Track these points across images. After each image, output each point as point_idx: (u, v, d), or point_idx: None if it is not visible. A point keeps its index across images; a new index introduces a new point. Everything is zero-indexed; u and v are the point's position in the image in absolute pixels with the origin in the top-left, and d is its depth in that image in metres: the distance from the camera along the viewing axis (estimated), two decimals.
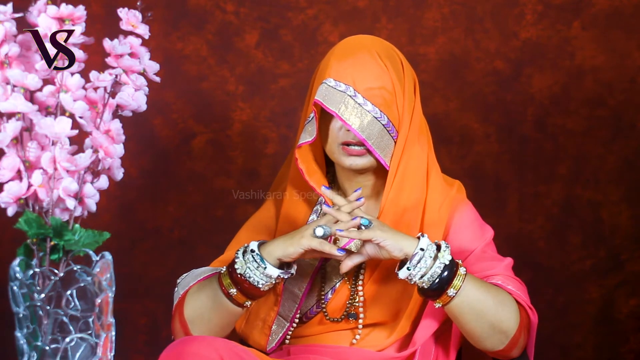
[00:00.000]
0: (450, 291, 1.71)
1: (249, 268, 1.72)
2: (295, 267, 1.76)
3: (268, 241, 1.76)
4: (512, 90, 2.73)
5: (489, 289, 1.76)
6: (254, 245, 1.74)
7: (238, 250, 1.75)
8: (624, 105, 2.73)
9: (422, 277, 1.70)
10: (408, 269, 1.70)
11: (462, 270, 1.73)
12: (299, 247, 1.72)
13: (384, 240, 1.72)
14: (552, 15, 2.71)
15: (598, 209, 2.75)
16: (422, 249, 1.70)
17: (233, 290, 1.74)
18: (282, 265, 1.75)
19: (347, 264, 1.76)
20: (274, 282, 1.74)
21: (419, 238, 1.72)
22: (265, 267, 1.72)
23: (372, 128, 1.79)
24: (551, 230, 2.75)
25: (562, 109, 2.73)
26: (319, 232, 1.73)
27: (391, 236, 1.72)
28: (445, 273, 1.70)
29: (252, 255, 1.73)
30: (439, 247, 1.73)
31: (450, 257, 1.71)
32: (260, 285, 1.73)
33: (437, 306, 1.74)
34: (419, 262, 1.70)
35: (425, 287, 1.71)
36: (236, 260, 1.74)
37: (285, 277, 1.75)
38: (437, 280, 1.70)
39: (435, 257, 1.71)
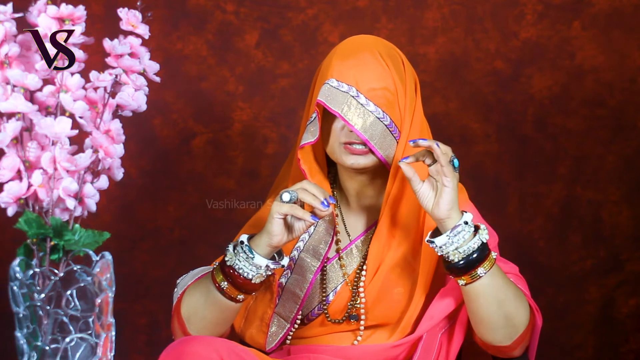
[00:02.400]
0: (480, 270, 1.71)
1: (238, 259, 1.72)
2: (286, 258, 1.76)
3: (258, 233, 1.76)
4: (512, 90, 2.73)
5: (510, 281, 1.77)
6: (243, 237, 1.74)
7: (229, 244, 1.75)
8: (624, 105, 2.73)
9: (457, 248, 1.70)
10: (448, 237, 1.70)
11: (493, 254, 1.73)
12: (272, 218, 1.71)
13: (449, 188, 1.70)
14: (552, 15, 2.71)
15: (598, 209, 2.75)
16: (465, 222, 1.70)
17: (224, 284, 1.74)
18: (273, 256, 1.75)
19: (406, 167, 1.72)
20: (263, 273, 1.73)
21: (462, 212, 1.72)
22: (254, 257, 1.72)
23: (374, 128, 1.79)
24: (551, 230, 2.75)
25: (562, 109, 2.73)
26: (285, 196, 1.71)
27: (454, 191, 1.71)
28: (479, 251, 1.70)
29: (242, 247, 1.73)
30: (477, 228, 1.73)
31: (487, 237, 1.72)
32: (251, 277, 1.72)
33: (460, 284, 1.73)
34: (459, 233, 1.70)
35: (456, 260, 1.70)
36: (227, 253, 1.74)
37: (275, 267, 1.73)
38: (471, 255, 1.70)
39: (474, 234, 1.71)
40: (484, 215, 1.91)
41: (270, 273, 1.74)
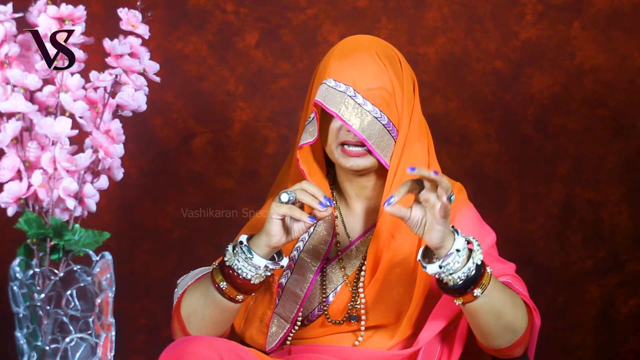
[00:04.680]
0: (477, 291, 1.68)
1: (237, 260, 1.72)
2: (285, 259, 1.75)
3: (257, 234, 1.76)
4: (512, 90, 2.73)
5: (506, 289, 1.75)
6: (243, 237, 1.74)
7: (229, 245, 1.75)
8: (624, 105, 2.73)
9: (451, 274, 1.67)
10: (440, 267, 1.66)
11: (489, 270, 1.70)
12: (271, 218, 1.71)
13: (439, 222, 1.64)
14: (552, 15, 2.71)
15: (598, 209, 2.75)
16: (457, 250, 1.66)
17: (223, 284, 1.74)
18: (273, 257, 1.75)
19: (392, 209, 1.66)
20: (262, 273, 1.72)
21: (453, 234, 1.68)
22: (252, 257, 1.72)
23: (372, 128, 1.79)
24: (551, 230, 2.75)
25: (562, 109, 2.73)
26: (284, 197, 1.71)
27: (444, 224, 1.65)
28: (474, 273, 1.67)
29: (241, 247, 1.72)
30: (470, 242, 1.69)
31: (482, 257, 1.68)
32: (250, 277, 1.72)
33: (457, 303, 1.71)
34: (451, 261, 1.66)
35: (451, 284, 1.67)
36: (226, 253, 1.74)
37: (274, 267, 1.73)
38: (466, 279, 1.67)
39: (468, 257, 1.67)
40: (484, 215, 1.91)
41: (269, 273, 1.74)
